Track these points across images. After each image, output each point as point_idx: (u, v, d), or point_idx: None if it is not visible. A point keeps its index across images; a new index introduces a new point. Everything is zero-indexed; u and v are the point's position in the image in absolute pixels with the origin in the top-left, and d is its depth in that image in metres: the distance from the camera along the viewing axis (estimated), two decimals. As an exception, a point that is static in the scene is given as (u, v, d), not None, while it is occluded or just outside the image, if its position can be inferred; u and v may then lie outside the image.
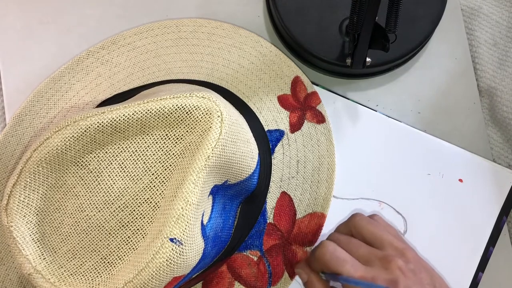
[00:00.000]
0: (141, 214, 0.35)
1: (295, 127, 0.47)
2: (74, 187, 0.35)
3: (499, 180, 0.47)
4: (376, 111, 0.49)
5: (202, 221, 0.35)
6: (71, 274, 0.34)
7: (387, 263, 0.34)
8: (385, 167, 0.47)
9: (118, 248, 0.35)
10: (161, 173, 0.35)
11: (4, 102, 0.48)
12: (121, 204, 0.35)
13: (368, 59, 0.45)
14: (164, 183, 0.35)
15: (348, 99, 0.49)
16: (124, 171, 0.36)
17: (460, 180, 0.47)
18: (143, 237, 0.34)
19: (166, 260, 0.32)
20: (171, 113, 0.35)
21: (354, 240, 0.37)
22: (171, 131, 0.35)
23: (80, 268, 0.34)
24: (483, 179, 0.47)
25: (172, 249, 0.32)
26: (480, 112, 0.50)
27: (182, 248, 0.32)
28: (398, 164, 0.48)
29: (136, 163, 0.36)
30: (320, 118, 0.48)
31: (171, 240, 0.32)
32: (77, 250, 0.35)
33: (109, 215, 0.35)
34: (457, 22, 0.53)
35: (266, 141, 0.46)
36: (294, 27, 0.48)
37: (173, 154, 0.36)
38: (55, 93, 0.47)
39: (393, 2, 0.40)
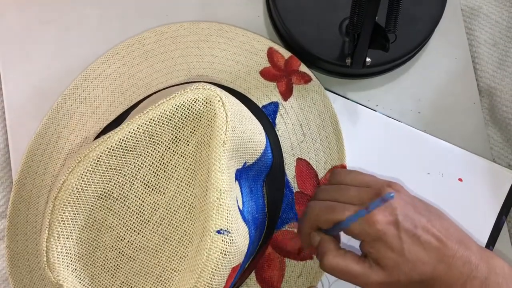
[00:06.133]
0: (179, 221, 0.35)
1: (286, 94, 0.48)
2: (105, 220, 0.35)
3: (499, 180, 0.47)
4: (376, 111, 0.49)
5: (238, 206, 0.36)
6: None
7: (379, 192, 0.35)
8: (385, 167, 0.47)
9: (169, 261, 0.34)
10: (184, 175, 0.35)
11: (4, 102, 0.48)
12: (157, 219, 0.35)
13: (368, 59, 0.45)
14: (191, 183, 0.35)
15: (348, 99, 0.49)
16: (148, 187, 0.35)
17: (460, 180, 0.47)
18: (190, 242, 0.34)
19: (221, 252, 0.32)
20: (173, 114, 0.34)
21: (342, 185, 0.39)
22: (179, 131, 0.35)
23: None
24: (482, 179, 0.47)
25: (222, 240, 0.32)
26: (480, 112, 0.50)
27: (231, 236, 0.33)
28: (398, 164, 0.48)
29: (157, 175, 0.35)
30: (306, 78, 0.48)
31: (218, 232, 0.32)
32: (130, 280, 0.35)
33: (149, 233, 0.35)
34: (457, 22, 0.53)
35: (265, 116, 0.47)
36: (294, 27, 0.48)
37: (189, 152, 0.35)
38: (46, 147, 0.47)
39: (393, 2, 0.40)
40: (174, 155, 0.35)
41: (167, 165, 0.35)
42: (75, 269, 0.34)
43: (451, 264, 0.34)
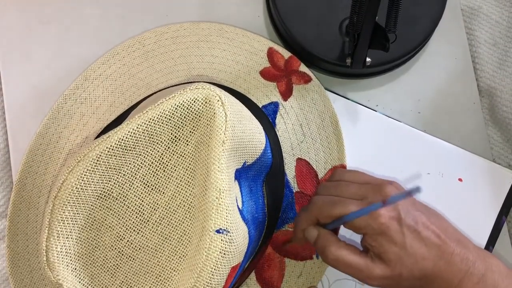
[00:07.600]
0: (179, 220, 0.35)
1: (286, 94, 0.48)
2: (105, 219, 0.35)
3: (499, 180, 0.47)
4: (376, 111, 0.49)
5: (237, 206, 0.36)
6: None
7: (380, 189, 0.36)
8: (385, 167, 0.47)
9: (169, 261, 0.34)
10: (183, 175, 0.35)
11: (4, 102, 0.48)
12: (157, 218, 0.35)
13: (368, 59, 0.45)
14: (190, 183, 0.35)
15: (348, 99, 0.49)
16: (148, 186, 0.35)
17: (460, 180, 0.47)
18: (189, 241, 0.34)
19: (220, 252, 0.32)
20: (173, 113, 0.34)
21: (342, 182, 0.39)
22: (179, 131, 0.35)
23: None
24: (482, 179, 0.47)
25: (221, 239, 0.32)
26: (480, 112, 0.50)
27: (230, 236, 0.33)
28: (398, 164, 0.48)
29: (157, 174, 0.35)
30: (306, 78, 0.48)
31: (218, 231, 0.32)
32: (129, 279, 0.35)
33: (149, 233, 0.35)
34: (457, 22, 0.53)
35: (265, 116, 0.47)
36: (294, 27, 0.48)
37: (188, 152, 0.35)
38: (46, 147, 0.47)
39: (393, 2, 0.40)
40: (173, 154, 0.35)
41: (167, 165, 0.35)
42: (75, 269, 0.34)
43: (450, 261, 0.34)
